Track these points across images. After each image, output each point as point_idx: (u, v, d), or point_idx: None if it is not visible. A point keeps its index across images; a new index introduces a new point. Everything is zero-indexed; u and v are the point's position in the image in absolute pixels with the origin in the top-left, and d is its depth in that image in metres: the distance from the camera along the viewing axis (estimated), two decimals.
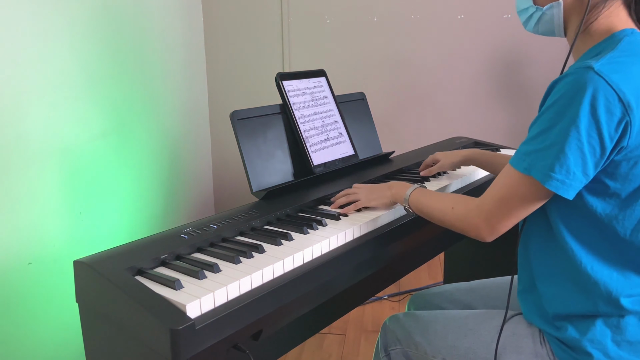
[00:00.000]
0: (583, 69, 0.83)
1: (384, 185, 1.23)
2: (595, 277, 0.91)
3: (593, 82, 0.81)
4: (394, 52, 2.79)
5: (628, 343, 0.92)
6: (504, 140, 2.76)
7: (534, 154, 0.87)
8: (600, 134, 0.82)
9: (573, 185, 0.84)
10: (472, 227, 0.98)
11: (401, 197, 1.17)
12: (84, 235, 1.87)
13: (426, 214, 1.11)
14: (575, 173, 0.83)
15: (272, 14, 2.87)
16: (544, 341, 1.00)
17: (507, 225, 0.94)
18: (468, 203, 1.01)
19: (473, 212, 0.97)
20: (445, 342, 1.07)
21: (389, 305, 2.37)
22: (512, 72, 2.73)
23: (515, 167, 0.90)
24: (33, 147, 1.64)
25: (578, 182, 0.84)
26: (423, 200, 1.12)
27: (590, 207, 0.89)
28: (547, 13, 0.99)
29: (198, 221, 1.14)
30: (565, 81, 0.84)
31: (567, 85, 0.83)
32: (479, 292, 1.28)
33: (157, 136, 2.43)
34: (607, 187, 0.87)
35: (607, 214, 0.89)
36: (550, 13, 0.99)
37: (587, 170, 0.84)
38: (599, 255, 0.91)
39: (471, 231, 0.99)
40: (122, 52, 2.13)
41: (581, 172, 0.83)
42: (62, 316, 1.72)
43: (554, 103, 0.85)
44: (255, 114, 1.37)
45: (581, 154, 0.82)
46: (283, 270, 0.97)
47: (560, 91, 0.84)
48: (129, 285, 0.86)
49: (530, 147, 0.88)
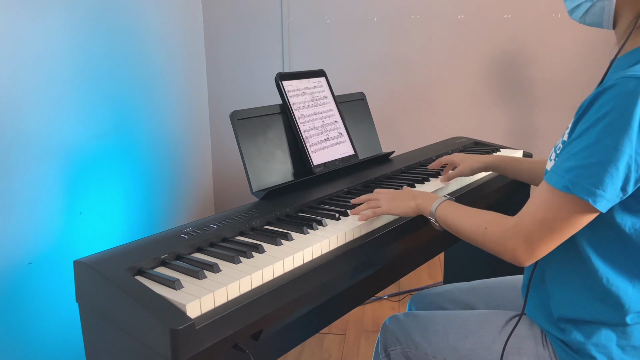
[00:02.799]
0: (634, 79, 0.78)
1: (407, 193, 1.17)
2: (610, 289, 0.89)
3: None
4: (394, 52, 2.79)
5: (633, 348, 0.91)
6: (504, 140, 2.76)
7: (576, 170, 0.81)
8: None
9: (612, 201, 0.81)
10: (509, 250, 0.91)
11: (427, 210, 1.10)
12: (84, 235, 1.87)
13: (455, 231, 1.04)
14: (617, 189, 0.80)
15: (272, 14, 2.87)
16: (546, 343, 0.99)
17: (549, 247, 0.88)
18: (503, 223, 0.93)
19: (509, 233, 0.90)
20: (446, 343, 1.07)
21: (389, 305, 2.37)
22: (512, 72, 2.73)
23: (553, 185, 0.84)
24: (33, 147, 1.64)
25: (617, 198, 0.81)
26: (451, 216, 1.05)
27: (618, 222, 0.86)
28: (597, 5, 0.92)
29: (198, 221, 1.14)
30: (613, 93, 0.79)
31: (616, 97, 0.78)
32: (479, 292, 1.28)
33: (157, 136, 2.42)
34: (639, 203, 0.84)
35: (636, 228, 0.86)
36: (601, 5, 0.92)
37: (627, 186, 0.80)
38: (618, 269, 0.89)
39: (507, 254, 0.92)
40: (122, 52, 2.13)
41: (620, 188, 0.80)
42: (62, 316, 1.72)
43: (603, 117, 0.79)
44: (255, 114, 1.37)
45: (628, 170, 0.79)
46: (283, 270, 0.97)
47: (608, 104, 0.79)
48: (129, 285, 0.86)
49: (572, 163, 0.82)
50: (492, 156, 1.41)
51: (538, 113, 2.74)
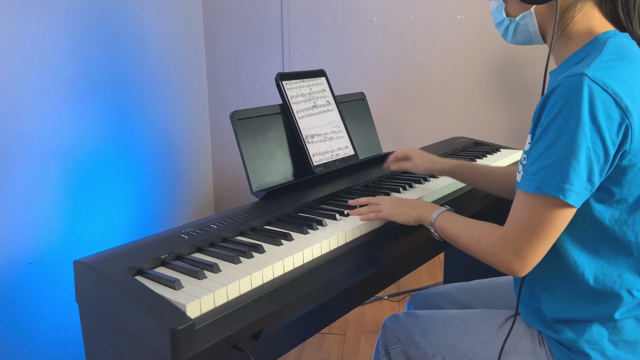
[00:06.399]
0: (576, 76, 0.81)
1: (409, 202, 1.17)
2: (597, 287, 0.91)
3: (589, 88, 0.79)
4: (394, 52, 2.79)
5: (625, 342, 0.92)
6: (504, 140, 2.76)
7: (543, 170, 0.84)
8: (602, 139, 0.80)
9: (582, 194, 0.83)
10: (502, 262, 0.91)
11: (427, 220, 1.10)
12: (84, 235, 1.87)
13: (453, 242, 1.05)
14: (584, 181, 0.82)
15: (272, 14, 2.87)
16: (542, 342, 1.00)
17: (538, 253, 0.88)
18: (493, 234, 0.94)
19: (499, 245, 0.91)
20: (445, 342, 1.07)
21: (389, 305, 2.37)
22: (512, 72, 2.73)
23: (525, 189, 0.86)
24: (33, 147, 1.64)
25: (586, 190, 0.83)
26: (449, 227, 1.05)
27: (597, 216, 0.88)
28: (521, 23, 0.98)
29: (198, 221, 1.14)
30: (560, 93, 0.82)
31: (563, 96, 0.81)
32: (478, 292, 1.28)
33: (157, 136, 2.43)
34: (613, 194, 0.86)
35: (615, 219, 0.88)
36: (524, 22, 0.98)
37: (593, 177, 0.82)
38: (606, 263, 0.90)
39: (501, 266, 0.92)
40: (122, 52, 2.13)
41: (587, 179, 0.82)
42: (62, 316, 1.72)
43: (555, 117, 0.82)
44: (255, 114, 1.37)
45: (589, 161, 0.81)
46: (283, 270, 0.97)
47: (557, 104, 0.82)
48: (129, 285, 0.86)
49: (537, 166, 0.85)
50: (450, 162, 1.34)
51: None
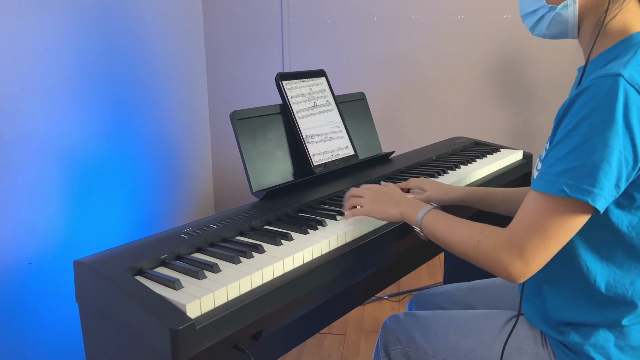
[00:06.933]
0: (611, 77, 0.78)
1: (390, 198, 1.11)
2: (607, 293, 0.90)
3: (624, 91, 0.77)
4: (394, 52, 2.79)
5: (631, 348, 0.91)
6: (504, 140, 2.76)
7: (570, 172, 0.79)
8: (633, 144, 0.78)
9: (608, 200, 0.81)
10: (503, 265, 0.86)
11: (412, 219, 1.04)
12: (84, 235, 1.87)
13: (442, 243, 0.98)
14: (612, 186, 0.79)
15: (272, 14, 2.87)
16: (545, 343, 0.99)
17: (544, 258, 0.84)
18: (496, 235, 0.88)
19: (504, 247, 0.86)
20: (446, 342, 1.07)
21: (389, 305, 2.37)
22: (512, 72, 2.73)
23: (545, 190, 0.82)
24: (33, 147, 1.64)
25: (612, 196, 0.81)
26: (438, 227, 0.99)
27: (614, 222, 0.86)
28: (561, 13, 0.92)
29: (198, 221, 1.14)
30: (592, 93, 0.78)
31: (596, 97, 0.78)
32: (479, 292, 1.28)
33: (157, 136, 2.43)
34: (634, 200, 0.84)
35: (634, 226, 0.86)
36: (565, 12, 0.92)
37: (620, 182, 0.79)
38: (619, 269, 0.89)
39: (501, 270, 0.87)
40: (122, 52, 2.13)
41: (615, 184, 0.79)
42: (62, 316, 1.72)
43: (585, 117, 0.78)
44: (255, 114, 1.37)
45: (619, 166, 0.78)
46: (283, 270, 0.97)
47: (589, 104, 0.78)
48: (129, 285, 0.86)
49: (561, 167, 0.81)
50: (464, 189, 1.28)
51: (538, 113, 2.74)
